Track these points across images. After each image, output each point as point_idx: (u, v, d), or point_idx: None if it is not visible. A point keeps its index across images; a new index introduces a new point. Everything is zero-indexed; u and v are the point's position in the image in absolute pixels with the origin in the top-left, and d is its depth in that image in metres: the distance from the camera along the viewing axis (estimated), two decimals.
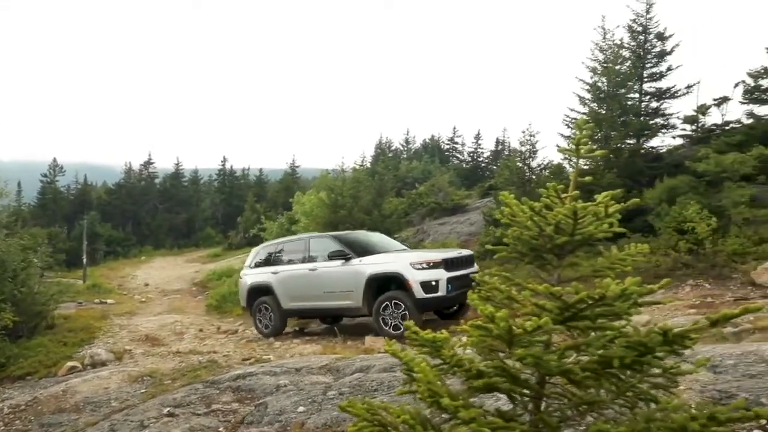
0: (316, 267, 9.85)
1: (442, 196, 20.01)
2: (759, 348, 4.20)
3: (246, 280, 11.01)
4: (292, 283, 10.17)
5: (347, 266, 9.41)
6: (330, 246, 9.84)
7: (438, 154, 37.50)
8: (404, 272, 8.72)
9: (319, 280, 9.75)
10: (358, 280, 9.17)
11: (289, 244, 10.90)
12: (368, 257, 9.39)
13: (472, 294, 1.70)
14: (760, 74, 14.77)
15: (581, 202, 1.71)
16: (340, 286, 9.48)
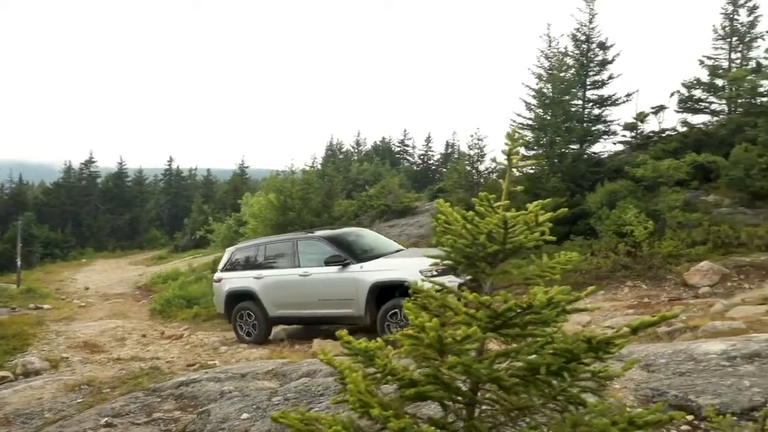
0: (308, 273, 9.04)
1: (392, 199, 20.11)
2: (689, 347, 4.40)
3: (223, 285, 10.11)
4: (280, 289, 9.38)
5: (346, 273, 8.68)
6: (324, 250, 9.09)
7: (389, 156, 37.67)
8: (411, 279, 8.18)
9: (313, 288, 8.98)
10: (360, 287, 8.50)
11: (272, 245, 10.01)
12: (369, 263, 8.72)
13: (407, 302, 1.71)
14: (693, 85, 15.53)
15: (514, 211, 1.75)
16: (338, 294, 8.75)
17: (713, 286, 8.66)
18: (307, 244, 9.53)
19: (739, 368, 3.79)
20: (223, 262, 10.53)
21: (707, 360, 4.01)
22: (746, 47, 15.39)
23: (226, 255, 10.68)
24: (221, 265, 10.54)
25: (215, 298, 10.51)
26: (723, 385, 3.52)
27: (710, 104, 15.66)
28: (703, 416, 3.18)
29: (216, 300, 10.46)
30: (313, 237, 9.78)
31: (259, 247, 10.14)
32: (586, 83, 15.94)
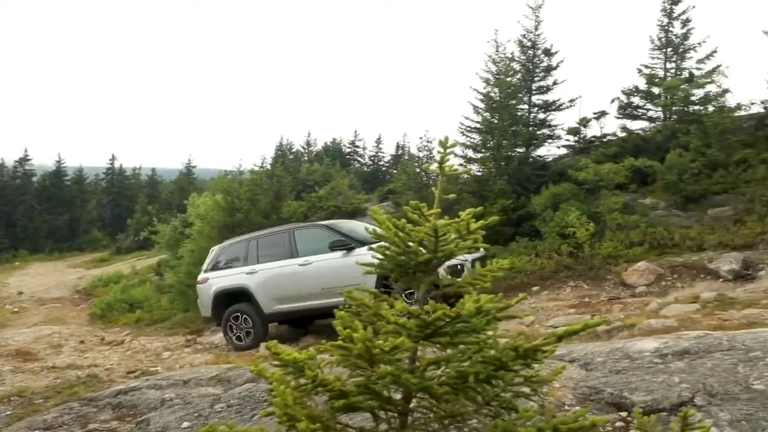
0: (309, 261, 8.64)
1: (341, 200, 20.06)
2: (625, 345, 4.57)
3: (209, 286, 9.47)
4: (277, 282, 8.86)
5: (352, 257, 8.22)
6: (325, 236, 8.72)
7: (339, 157, 37.57)
8: None
9: (315, 277, 8.55)
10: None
11: (264, 239, 9.51)
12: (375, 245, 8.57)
13: (339, 311, 1.70)
14: (632, 92, 16.17)
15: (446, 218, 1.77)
16: (344, 281, 8.24)
17: (649, 286, 9.02)
18: (305, 232, 9.16)
19: (670, 365, 3.96)
20: (208, 262, 9.93)
21: (641, 358, 4.16)
22: (680, 58, 16.12)
23: (211, 254, 10.08)
24: (206, 265, 9.94)
25: (200, 301, 9.83)
26: (655, 381, 3.66)
27: (647, 111, 16.33)
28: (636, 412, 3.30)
29: (201, 303, 9.77)
30: (311, 225, 9.58)
31: (249, 242, 9.60)
32: (531, 88, 16.35)
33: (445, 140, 1.89)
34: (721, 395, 3.31)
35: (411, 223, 1.75)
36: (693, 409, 3.22)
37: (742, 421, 3.01)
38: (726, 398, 3.27)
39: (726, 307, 6.41)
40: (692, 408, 3.23)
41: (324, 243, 8.63)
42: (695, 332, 4.72)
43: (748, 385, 3.39)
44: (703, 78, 14.94)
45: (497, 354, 1.40)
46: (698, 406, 3.25)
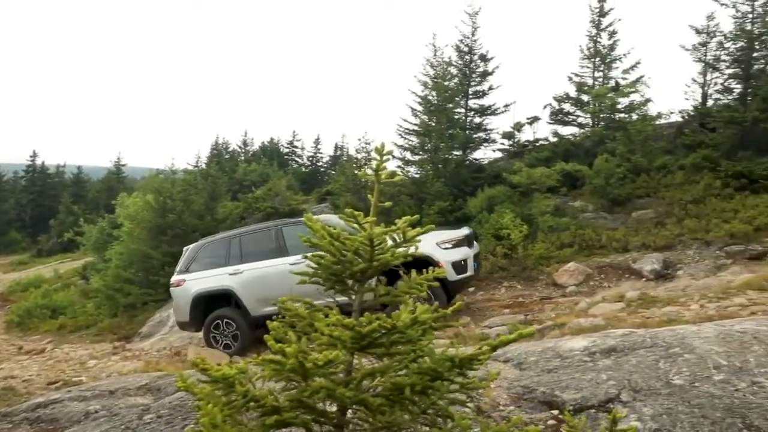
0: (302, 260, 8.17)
1: (279, 201, 19.75)
2: (556, 344, 4.72)
3: (186, 289, 8.70)
4: (266, 282, 8.18)
5: None
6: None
7: (277, 157, 36.99)
8: (433, 253, 7.71)
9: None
10: None
11: (248, 237, 8.91)
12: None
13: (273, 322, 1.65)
14: (563, 99, 16.80)
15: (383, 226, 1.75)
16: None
17: (578, 285, 9.39)
18: (295, 229, 8.51)
19: (598, 363, 4.11)
20: (183, 262, 9.11)
21: (572, 356, 4.31)
22: (607, 67, 16.90)
23: (187, 254, 9.24)
24: (181, 265, 9.12)
25: (175, 305, 9.05)
26: (584, 379, 3.80)
27: (577, 117, 17.01)
28: (567, 410, 3.41)
29: (177, 307, 8.97)
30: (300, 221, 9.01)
31: (231, 240, 8.93)
32: (468, 92, 16.69)
33: (382, 147, 1.87)
34: (644, 391, 3.47)
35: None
36: (619, 405, 3.36)
37: (663, 415, 3.16)
38: (649, 393, 3.43)
39: (648, 306, 6.75)
40: (618, 404, 3.37)
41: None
42: (621, 330, 4.93)
43: (668, 380, 3.56)
44: (627, 87, 15.70)
45: (434, 365, 1.40)
46: (624, 402, 3.38)
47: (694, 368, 3.67)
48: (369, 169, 1.76)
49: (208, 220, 15.10)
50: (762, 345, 3.96)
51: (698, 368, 3.66)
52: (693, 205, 11.02)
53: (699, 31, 14.67)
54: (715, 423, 3.02)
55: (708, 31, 14.50)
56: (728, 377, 3.49)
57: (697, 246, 9.73)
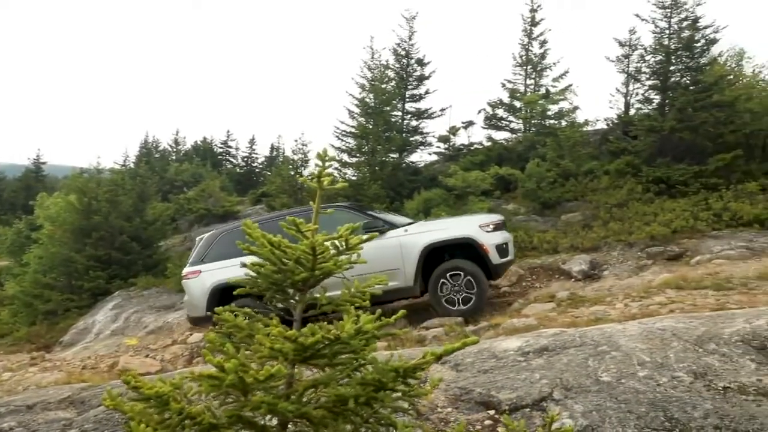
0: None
1: (212, 202, 19.24)
2: (491, 345, 4.82)
3: (203, 280, 8.12)
4: None
5: (387, 239, 7.61)
6: (350, 217, 7.79)
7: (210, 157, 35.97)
8: (477, 236, 7.46)
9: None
10: (408, 253, 7.56)
11: (274, 223, 8.14)
12: (412, 226, 7.89)
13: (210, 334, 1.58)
14: (497, 105, 17.28)
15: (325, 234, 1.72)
16: (379, 265, 7.40)
17: (512, 286, 9.65)
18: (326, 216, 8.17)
19: (532, 362, 4.23)
20: (198, 253, 8.52)
21: (506, 357, 4.41)
22: (538, 75, 17.58)
23: (201, 243, 8.66)
24: (194, 256, 8.54)
25: (189, 298, 8.41)
26: (518, 379, 3.89)
27: (510, 123, 17.56)
28: (503, 410, 3.49)
29: (192, 300, 8.32)
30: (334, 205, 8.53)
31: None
32: (405, 96, 16.88)
33: (324, 153, 1.84)
34: (575, 388, 3.59)
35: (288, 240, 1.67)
36: (552, 403, 3.47)
37: (593, 411, 3.28)
38: (579, 391, 3.56)
39: (577, 305, 7.02)
40: (551, 402, 3.48)
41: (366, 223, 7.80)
42: (552, 330, 5.10)
43: (597, 378, 3.71)
44: (557, 95, 16.35)
45: (378, 375, 1.38)
46: (556, 400, 3.49)
47: (621, 365, 3.84)
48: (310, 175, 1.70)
49: (137, 222, 14.49)
50: (680, 341, 4.19)
51: (624, 365, 3.84)
52: (617, 209, 11.59)
53: (622, 44, 15.48)
54: (640, 417, 3.16)
55: (630, 44, 15.33)
56: (651, 373, 3.68)
57: (621, 247, 10.22)
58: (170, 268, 12.96)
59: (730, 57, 16.18)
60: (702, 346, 4.03)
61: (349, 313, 1.60)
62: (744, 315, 4.62)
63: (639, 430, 3.06)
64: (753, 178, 11.36)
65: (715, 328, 4.31)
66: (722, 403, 3.24)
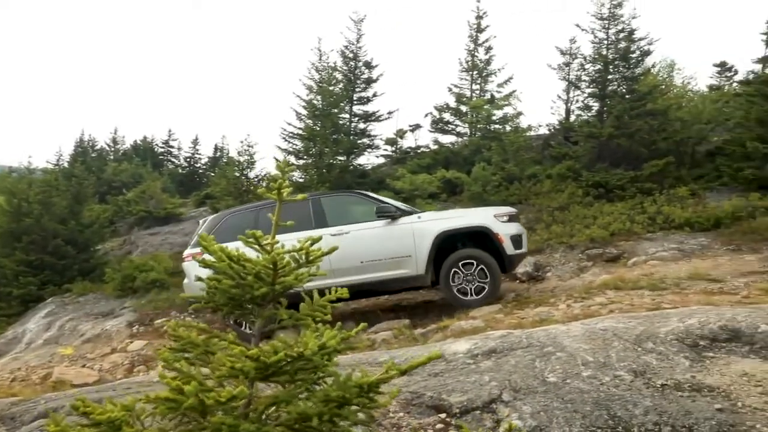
0: (344, 231, 7.53)
1: (153, 204, 18.59)
2: (441, 348, 4.84)
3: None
4: None
5: (400, 225, 7.48)
6: (361, 203, 7.84)
7: (151, 157, 34.78)
8: (493, 225, 7.38)
9: (353, 248, 7.39)
10: (421, 240, 7.39)
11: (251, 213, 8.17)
12: (427, 213, 7.76)
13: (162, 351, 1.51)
14: (443, 109, 17.54)
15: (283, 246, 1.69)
16: (390, 252, 7.44)
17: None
18: (334, 199, 8.02)
19: (481, 364, 4.30)
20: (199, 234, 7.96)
21: (456, 359, 4.46)
22: (484, 80, 17.95)
23: (205, 225, 8.36)
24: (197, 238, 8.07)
25: (188, 282, 8.01)
26: (468, 382, 3.95)
27: (456, 127, 17.86)
28: (454, 413, 3.53)
29: (192, 285, 7.84)
30: (345, 192, 8.61)
31: (260, 212, 8.08)
32: (353, 98, 16.86)
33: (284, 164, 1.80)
34: (523, 390, 3.67)
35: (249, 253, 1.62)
36: (501, 405, 3.54)
37: (541, 412, 3.37)
38: (527, 392, 3.64)
39: (522, 306, 7.19)
40: (501, 404, 3.54)
41: (359, 211, 7.78)
42: (499, 332, 5.20)
43: (544, 379, 3.81)
44: (502, 100, 16.74)
45: (342, 392, 1.36)
46: (506, 401, 3.56)
47: (566, 366, 3.95)
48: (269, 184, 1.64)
49: (72, 224, 13.82)
50: (621, 341, 4.35)
51: (569, 365, 3.95)
52: (559, 212, 11.97)
53: (563, 52, 16.02)
54: (585, 416, 3.27)
55: (571, 53, 15.88)
56: (595, 373, 3.81)
57: (563, 249, 10.56)
58: (109, 272, 12.44)
59: (662, 68, 17.03)
60: (641, 346, 4.20)
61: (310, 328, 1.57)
62: (678, 314, 4.85)
63: (584, 428, 3.16)
64: (683, 183, 11.97)
65: (652, 328, 4.50)
66: (660, 399, 3.39)
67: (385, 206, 7.63)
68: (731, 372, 3.78)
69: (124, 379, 6.44)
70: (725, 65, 20.80)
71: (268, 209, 7.90)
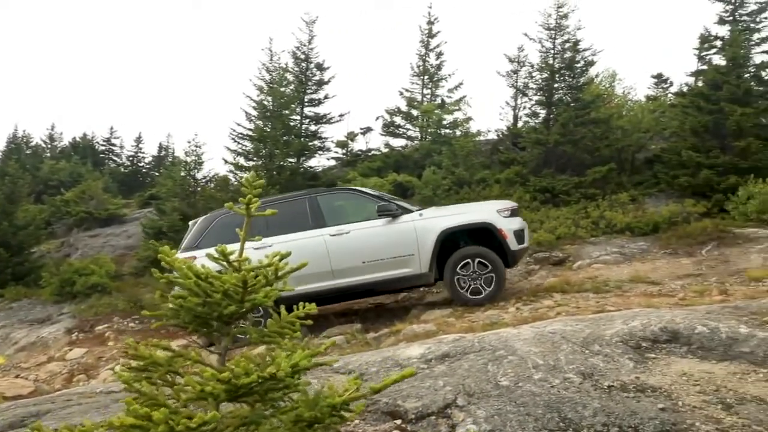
0: (344, 230, 7.34)
1: (94, 204, 17.87)
2: (395, 353, 4.87)
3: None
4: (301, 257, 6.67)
5: (401, 223, 7.30)
6: (361, 201, 7.63)
7: (91, 155, 33.43)
8: (496, 221, 7.23)
9: (354, 249, 7.28)
10: (424, 238, 7.22)
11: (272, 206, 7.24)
12: (427, 210, 7.51)
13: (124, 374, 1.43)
14: (394, 113, 17.65)
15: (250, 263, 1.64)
16: (392, 251, 7.26)
17: (410, 291, 9.83)
18: (332, 197, 7.74)
19: (435, 369, 4.33)
20: (191, 237, 7.80)
21: (410, 364, 4.47)
22: (434, 85, 18.20)
23: (195, 228, 7.92)
24: (188, 240, 7.81)
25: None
26: (423, 387, 3.96)
27: (407, 130, 18.02)
28: (409, 419, 3.53)
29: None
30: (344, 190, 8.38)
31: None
32: (304, 100, 16.75)
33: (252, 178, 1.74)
34: (477, 394, 3.72)
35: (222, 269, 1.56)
36: (456, 409, 3.57)
37: (494, 416, 3.42)
38: (481, 396, 3.69)
39: (473, 310, 7.30)
40: (456, 409, 3.58)
41: (359, 210, 7.54)
42: (452, 336, 5.26)
43: (497, 382, 3.87)
44: (452, 105, 17.00)
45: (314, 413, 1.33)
46: (460, 406, 3.59)
47: (517, 369, 4.03)
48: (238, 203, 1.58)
49: (5, 226, 13.12)
50: (569, 343, 4.48)
51: (521, 369, 4.03)
52: None
53: (511, 60, 16.42)
54: (537, 419, 3.34)
55: (519, 61, 16.30)
56: (545, 375, 3.89)
57: None
58: (45, 276, 11.87)
59: (604, 78, 17.70)
60: (588, 348, 4.33)
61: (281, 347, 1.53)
62: (621, 317, 5.04)
63: (537, 431, 3.23)
64: (624, 189, 12.48)
65: (598, 330, 4.65)
66: (608, 401, 3.50)
67: (386, 204, 7.47)
68: (672, 372, 3.95)
69: (63, 390, 6.14)
70: (662, 77, 21.84)
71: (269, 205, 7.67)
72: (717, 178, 11.65)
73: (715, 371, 3.88)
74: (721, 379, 3.76)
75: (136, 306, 10.09)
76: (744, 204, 10.75)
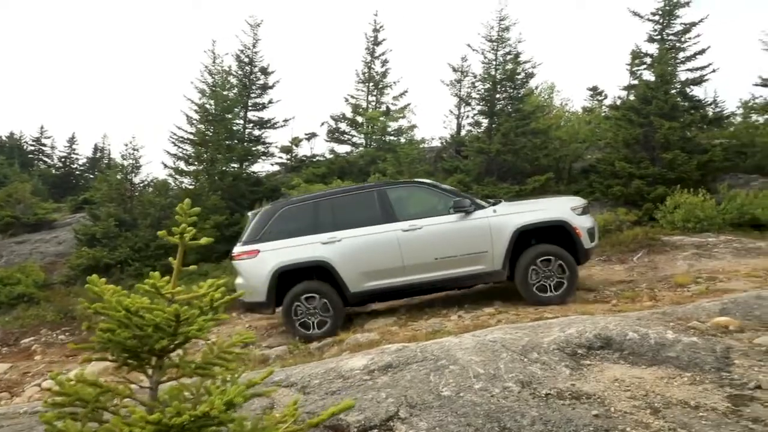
0: (417, 225, 7.17)
1: (22, 209, 16.93)
2: (338, 364, 4.84)
3: (263, 261, 7.22)
4: (373, 253, 7.17)
5: (475, 219, 7.14)
6: (431, 196, 7.43)
7: (19, 156, 31.70)
8: (571, 219, 7.07)
9: (426, 245, 7.13)
10: (499, 235, 7.06)
11: (342, 199, 7.58)
12: (500, 206, 7.23)
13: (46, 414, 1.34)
14: (340, 119, 17.63)
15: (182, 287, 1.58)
16: (466, 248, 7.09)
17: None
18: (401, 191, 7.50)
19: (377, 380, 4.32)
20: (252, 230, 7.51)
21: (353, 376, 4.46)
22: (380, 92, 18.28)
23: (256, 219, 7.61)
24: (248, 233, 7.53)
25: (247, 281, 7.29)
26: (366, 399, 3.95)
27: (352, 137, 18.02)
28: None
29: (251, 282, 7.21)
30: (406, 182, 8.09)
31: (319, 204, 7.55)
32: (248, 104, 16.49)
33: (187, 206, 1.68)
34: (419, 405, 3.74)
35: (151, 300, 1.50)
36: (398, 422, 3.58)
37: (436, 427, 3.44)
38: (423, 408, 3.71)
39: (416, 318, 7.36)
40: (398, 421, 3.58)
41: (429, 204, 7.36)
42: (395, 345, 5.27)
43: (438, 393, 3.90)
44: (397, 113, 17.13)
45: None
46: (402, 418, 3.60)
47: (459, 379, 4.08)
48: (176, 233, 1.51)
49: None
50: (509, 352, 4.58)
51: (462, 378, 4.09)
52: None
53: (455, 69, 16.73)
54: (478, 429, 3.39)
55: (462, 71, 16.62)
56: (485, 385, 3.96)
57: None
58: None
59: (544, 89, 18.30)
60: (526, 356, 4.44)
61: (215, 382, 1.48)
62: (558, 324, 5.19)
63: None
64: None
65: (536, 338, 4.78)
66: (545, 409, 3.59)
67: (461, 200, 7.33)
68: (605, 378, 4.10)
69: None
70: (597, 89, 22.79)
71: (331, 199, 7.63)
72: (647, 188, 12.25)
73: (644, 376, 4.05)
74: (650, 384, 3.93)
75: (67, 317, 9.63)
76: (671, 213, 11.36)
